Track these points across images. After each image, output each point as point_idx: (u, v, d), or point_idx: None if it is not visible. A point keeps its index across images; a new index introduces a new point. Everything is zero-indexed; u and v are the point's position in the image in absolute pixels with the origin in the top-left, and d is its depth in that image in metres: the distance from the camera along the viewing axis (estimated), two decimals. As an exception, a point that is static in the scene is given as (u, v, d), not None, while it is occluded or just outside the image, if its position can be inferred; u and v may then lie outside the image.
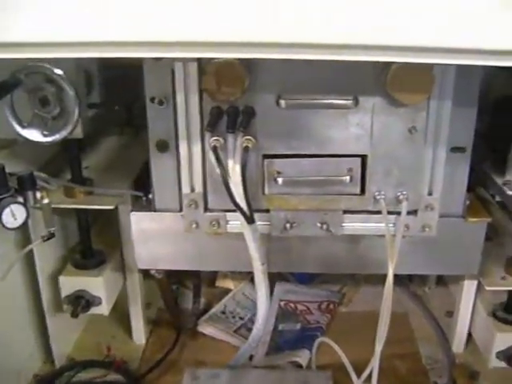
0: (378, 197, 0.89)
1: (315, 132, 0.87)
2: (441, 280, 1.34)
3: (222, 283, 1.33)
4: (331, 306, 1.28)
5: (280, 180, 0.88)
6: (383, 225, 0.88)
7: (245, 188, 0.83)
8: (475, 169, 1.10)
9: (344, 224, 0.93)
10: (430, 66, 0.81)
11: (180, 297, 1.31)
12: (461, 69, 0.85)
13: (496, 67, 1.05)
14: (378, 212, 0.90)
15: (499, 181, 1.02)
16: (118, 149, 1.23)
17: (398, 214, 0.91)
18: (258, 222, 0.91)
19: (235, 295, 1.31)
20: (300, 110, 0.86)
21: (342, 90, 0.84)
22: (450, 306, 1.20)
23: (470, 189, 1.07)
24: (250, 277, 1.31)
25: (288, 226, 0.92)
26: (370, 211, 0.92)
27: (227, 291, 1.32)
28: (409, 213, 0.92)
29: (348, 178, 0.88)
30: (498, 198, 1.06)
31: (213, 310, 1.27)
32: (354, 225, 0.94)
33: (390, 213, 0.90)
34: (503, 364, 1.09)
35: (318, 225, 0.92)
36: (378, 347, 0.85)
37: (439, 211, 0.96)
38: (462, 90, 0.88)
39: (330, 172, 0.89)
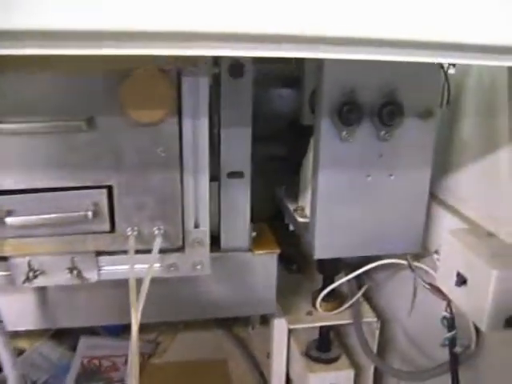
0: (130, 233, 0.77)
1: (48, 161, 0.73)
2: (265, 319, 1.23)
3: (13, 343, 1.15)
4: (140, 359, 1.13)
5: (9, 220, 0.73)
6: (145, 266, 0.75)
7: (-44, 233, 0.68)
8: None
9: (101, 268, 0.80)
10: (169, 81, 0.70)
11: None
12: (229, 84, 0.77)
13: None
14: (138, 251, 0.77)
15: (291, 207, 0.93)
16: None
17: (162, 252, 0.78)
18: (-6, 273, 0.77)
19: (31, 355, 1.13)
20: (25, 136, 0.72)
21: (72, 110, 0.71)
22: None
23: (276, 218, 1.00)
24: (49, 334, 1.15)
25: (31, 274, 0.78)
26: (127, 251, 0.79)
27: (21, 351, 1.15)
28: (175, 250, 0.80)
29: (90, 213, 0.74)
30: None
31: (1, 374, 1.09)
32: (111, 268, 0.80)
33: (147, 252, 0.77)
34: (320, 406, 1.00)
35: (67, 271, 0.78)
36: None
37: (224, 245, 0.86)
38: (232, 108, 0.78)
39: (71, 208, 0.75)
